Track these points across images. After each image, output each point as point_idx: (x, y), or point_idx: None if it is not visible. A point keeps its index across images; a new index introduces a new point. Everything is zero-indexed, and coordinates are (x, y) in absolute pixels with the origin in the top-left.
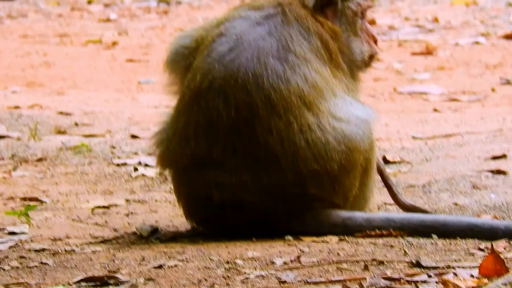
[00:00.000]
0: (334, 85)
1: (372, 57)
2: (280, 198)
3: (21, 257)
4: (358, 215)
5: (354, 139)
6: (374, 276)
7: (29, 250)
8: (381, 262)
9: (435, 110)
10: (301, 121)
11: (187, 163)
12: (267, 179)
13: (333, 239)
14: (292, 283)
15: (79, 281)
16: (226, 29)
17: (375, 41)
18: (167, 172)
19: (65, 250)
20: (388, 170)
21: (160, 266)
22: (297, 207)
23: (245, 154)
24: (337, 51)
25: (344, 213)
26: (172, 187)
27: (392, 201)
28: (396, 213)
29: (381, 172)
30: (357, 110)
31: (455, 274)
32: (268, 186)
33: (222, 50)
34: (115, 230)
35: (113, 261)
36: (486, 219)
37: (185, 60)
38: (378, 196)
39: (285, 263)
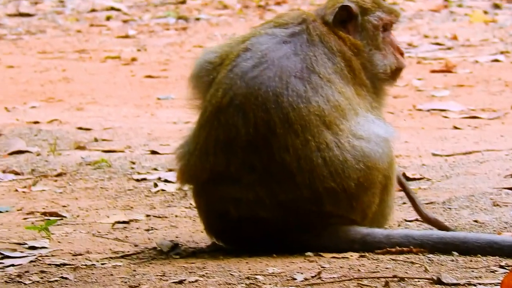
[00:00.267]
0: (357, 104)
1: (398, 69)
2: (296, 215)
3: (42, 271)
4: (377, 231)
5: (373, 157)
6: None
7: (50, 264)
8: (402, 279)
9: (455, 127)
10: (319, 139)
11: (206, 178)
12: (283, 195)
13: (354, 255)
14: None
15: None
16: (251, 45)
17: (401, 54)
18: (187, 188)
19: (86, 265)
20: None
21: (180, 282)
22: (314, 223)
23: (262, 170)
24: (360, 67)
25: (363, 230)
26: (193, 202)
27: (411, 217)
28: (416, 230)
29: (403, 186)
30: (378, 128)
31: None
32: (284, 203)
33: (246, 66)
34: (135, 245)
35: (134, 276)
36: (506, 237)
37: (208, 76)
38: (397, 212)
39: (305, 279)
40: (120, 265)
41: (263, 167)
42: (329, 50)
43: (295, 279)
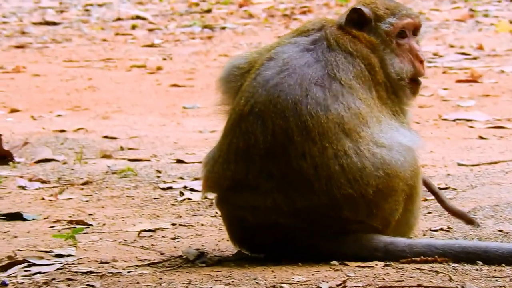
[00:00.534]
0: (379, 111)
1: (415, 77)
2: (315, 221)
3: (68, 279)
4: (400, 240)
5: (394, 165)
6: None
7: (76, 272)
8: None
9: (480, 137)
10: (337, 146)
11: (227, 186)
12: (301, 202)
13: (379, 264)
14: None
15: None
16: (275, 54)
17: (421, 62)
18: (212, 196)
19: (112, 273)
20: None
21: None
22: (334, 230)
23: (280, 178)
24: (378, 64)
25: (386, 238)
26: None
27: (436, 227)
28: (438, 240)
29: (425, 183)
30: (402, 137)
31: None
32: (302, 209)
33: (268, 74)
34: (161, 253)
35: (160, 284)
36: None
37: (236, 81)
38: (422, 222)
39: (331, 287)
40: (146, 273)
41: (281, 174)
42: (347, 52)
43: (321, 287)
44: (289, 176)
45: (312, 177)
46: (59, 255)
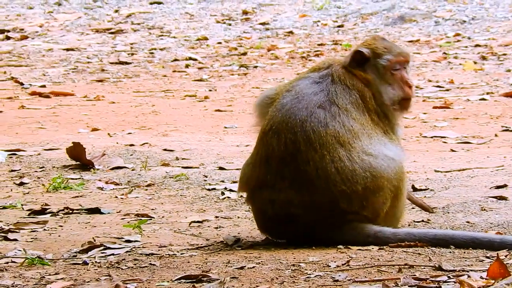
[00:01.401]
0: (371, 129)
1: (404, 99)
2: (319, 212)
3: (135, 259)
4: (386, 229)
5: (379, 169)
6: (406, 277)
7: (141, 254)
8: (411, 266)
9: (452, 150)
10: (333, 154)
11: (253, 185)
12: (307, 196)
13: (374, 248)
14: (344, 281)
15: (179, 279)
16: (293, 86)
17: (409, 86)
18: (245, 195)
19: (169, 255)
20: (417, 195)
21: (242, 268)
22: (335, 220)
23: (291, 178)
24: (371, 95)
25: (376, 227)
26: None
27: (419, 219)
28: (416, 229)
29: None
30: (388, 151)
31: (469, 276)
32: (309, 202)
33: (285, 102)
34: (207, 239)
35: (206, 263)
36: (486, 234)
37: (266, 107)
38: (408, 215)
39: (338, 266)
40: (195, 255)
41: (291, 175)
42: (346, 85)
43: (330, 266)
44: (297, 177)
45: (314, 177)
46: (128, 241)
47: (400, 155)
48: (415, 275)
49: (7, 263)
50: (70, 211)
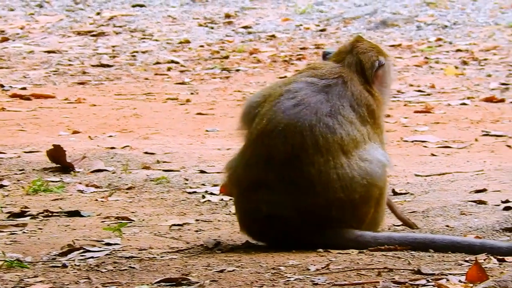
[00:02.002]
0: (369, 139)
1: None
2: (310, 216)
3: (115, 262)
4: (366, 233)
5: (374, 176)
6: (386, 280)
7: (121, 257)
8: (390, 270)
9: (432, 154)
10: (336, 160)
11: (246, 185)
12: (303, 200)
13: (354, 252)
14: (323, 284)
15: (159, 282)
16: (293, 88)
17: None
18: (227, 198)
19: (149, 258)
20: (397, 199)
21: (222, 271)
22: (322, 225)
23: (291, 180)
24: (379, 115)
25: (357, 232)
26: (234, 203)
27: (399, 223)
28: (396, 233)
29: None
30: (379, 155)
31: (448, 280)
32: (303, 206)
33: (288, 104)
34: (187, 242)
35: (186, 266)
36: (466, 238)
37: (252, 114)
38: (388, 219)
39: (317, 269)
40: (175, 258)
41: (292, 177)
42: (356, 102)
43: (309, 269)
44: (298, 179)
45: (316, 181)
46: (108, 244)
47: (387, 158)
48: (394, 278)
49: None
50: (50, 214)
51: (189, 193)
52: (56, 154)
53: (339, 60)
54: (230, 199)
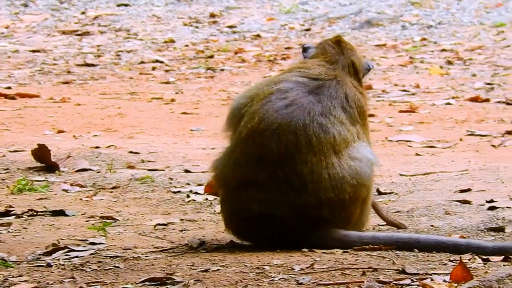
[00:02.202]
0: (358, 138)
1: None
2: (302, 216)
3: (99, 262)
4: (352, 233)
5: (363, 176)
6: (370, 280)
7: (105, 256)
8: (375, 269)
9: (417, 154)
10: (328, 160)
11: (235, 184)
12: (295, 199)
13: (339, 251)
14: (308, 284)
15: (143, 281)
16: (283, 88)
17: None
18: (212, 198)
19: (133, 257)
20: (381, 199)
21: (206, 270)
22: (310, 225)
23: (284, 179)
24: (367, 116)
25: (342, 232)
26: (220, 203)
27: (383, 223)
28: (381, 233)
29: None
30: (368, 153)
31: (432, 280)
32: (294, 206)
33: (280, 103)
34: (172, 242)
35: (170, 266)
36: (451, 238)
37: (238, 116)
38: (374, 219)
39: (302, 269)
40: (160, 257)
41: (285, 176)
42: (348, 103)
43: (294, 269)
44: (291, 178)
45: (308, 180)
46: (93, 243)
47: (375, 157)
48: (378, 278)
49: None
50: (35, 213)
51: (174, 192)
52: (41, 153)
53: (332, 61)
54: (215, 198)
